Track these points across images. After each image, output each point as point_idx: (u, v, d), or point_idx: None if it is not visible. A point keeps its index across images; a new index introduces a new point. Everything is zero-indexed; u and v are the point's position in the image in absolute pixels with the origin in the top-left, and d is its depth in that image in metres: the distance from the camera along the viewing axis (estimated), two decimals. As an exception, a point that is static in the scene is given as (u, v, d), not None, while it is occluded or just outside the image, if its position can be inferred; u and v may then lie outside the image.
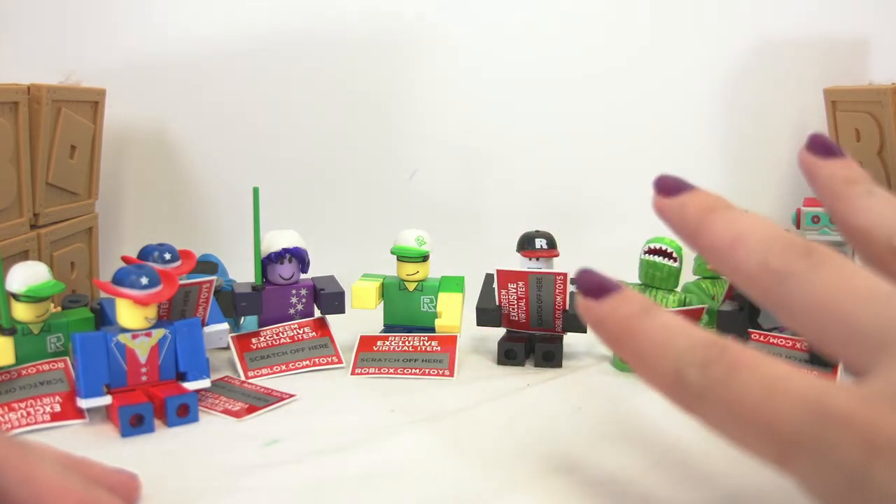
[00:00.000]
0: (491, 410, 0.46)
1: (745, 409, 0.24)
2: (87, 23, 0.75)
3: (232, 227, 0.75)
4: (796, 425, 0.23)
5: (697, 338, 0.26)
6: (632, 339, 0.27)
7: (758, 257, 0.26)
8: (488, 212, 0.78)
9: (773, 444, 0.23)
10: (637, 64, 0.77)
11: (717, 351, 0.25)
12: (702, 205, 0.29)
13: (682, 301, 0.54)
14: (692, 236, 0.29)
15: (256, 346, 0.54)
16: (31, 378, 0.46)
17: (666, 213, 0.31)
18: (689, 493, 0.36)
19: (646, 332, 0.27)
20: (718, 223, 0.28)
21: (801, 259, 0.26)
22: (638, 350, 0.27)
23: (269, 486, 0.37)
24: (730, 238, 0.27)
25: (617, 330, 0.28)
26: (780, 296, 0.26)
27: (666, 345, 0.26)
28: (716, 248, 0.28)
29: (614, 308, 0.28)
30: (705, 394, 0.25)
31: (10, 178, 0.54)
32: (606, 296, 0.29)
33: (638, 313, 0.27)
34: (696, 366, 0.25)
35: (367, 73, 0.77)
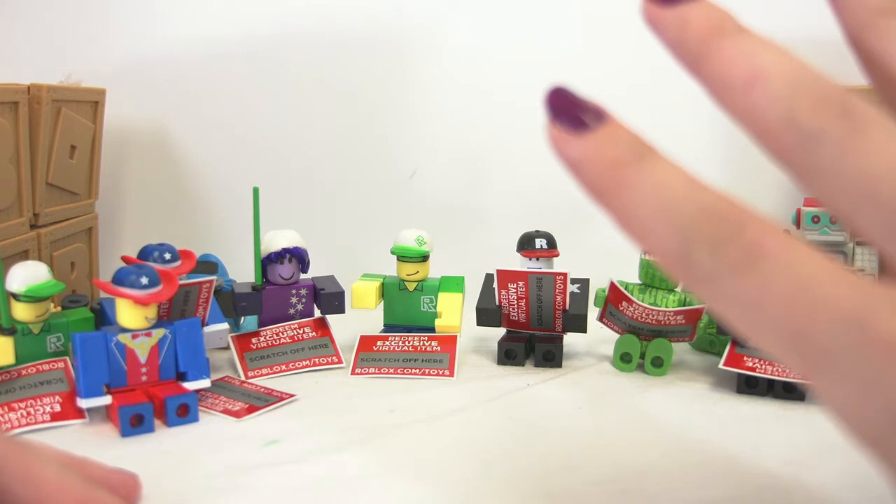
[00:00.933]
0: (491, 410, 0.46)
1: (768, 310, 0.19)
2: (87, 23, 0.75)
3: (232, 227, 0.75)
4: (832, 343, 0.19)
5: (707, 204, 0.20)
6: (619, 194, 0.21)
7: (782, 108, 0.21)
8: (488, 212, 0.78)
9: (800, 354, 0.19)
10: (637, 63, 0.77)
11: (732, 227, 0.20)
12: (710, 22, 0.22)
13: (683, 301, 0.54)
14: (695, 64, 0.23)
15: (256, 346, 0.54)
16: (31, 378, 0.46)
17: (661, 29, 0.23)
18: (689, 493, 0.36)
19: (639, 187, 0.21)
20: (732, 51, 0.22)
21: (838, 119, 0.20)
22: (628, 209, 0.21)
23: (269, 486, 0.37)
24: (746, 74, 0.21)
25: (601, 179, 0.21)
26: (805, 162, 0.21)
27: (667, 207, 0.20)
28: (726, 85, 0.22)
29: (598, 147, 0.21)
30: (717, 281, 0.20)
31: (10, 178, 0.54)
32: (587, 129, 0.22)
33: (630, 159, 0.21)
34: (706, 244, 0.20)
35: (367, 73, 0.77)
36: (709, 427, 0.44)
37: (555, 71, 0.77)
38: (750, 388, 0.49)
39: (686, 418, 0.45)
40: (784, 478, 0.37)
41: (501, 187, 0.78)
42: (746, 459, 0.39)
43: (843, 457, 0.39)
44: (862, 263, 0.60)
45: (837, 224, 0.60)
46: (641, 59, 0.78)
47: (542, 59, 0.77)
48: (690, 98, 0.79)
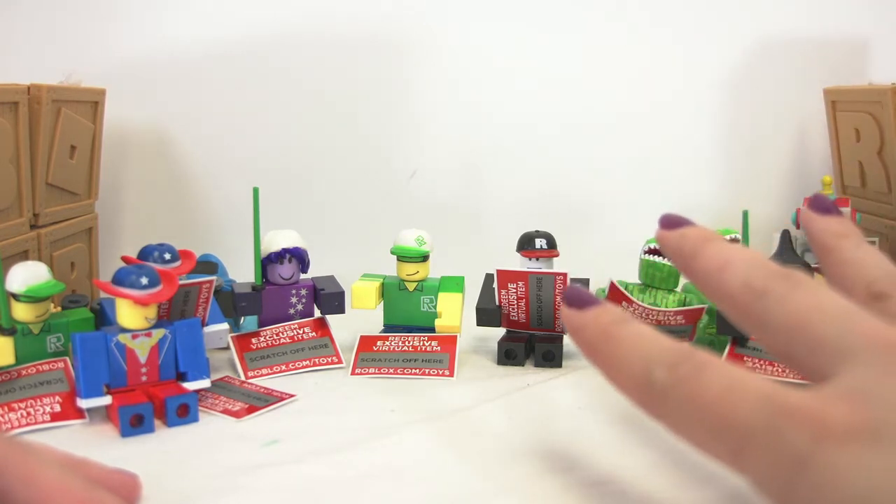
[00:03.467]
0: (491, 410, 0.46)
1: (705, 405, 0.25)
2: (87, 23, 0.75)
3: (232, 227, 0.75)
4: (751, 419, 0.24)
5: (669, 344, 0.28)
6: (607, 344, 0.30)
7: (741, 277, 0.29)
8: (488, 212, 0.78)
9: (728, 440, 0.25)
10: (637, 64, 0.78)
11: (685, 354, 0.27)
12: (699, 236, 0.32)
13: (682, 301, 0.54)
14: (688, 262, 0.32)
15: (256, 346, 0.54)
16: (31, 378, 0.46)
17: (666, 243, 0.34)
18: (689, 493, 0.36)
19: (621, 337, 0.29)
20: (711, 250, 0.31)
21: (780, 280, 0.28)
22: (612, 353, 0.30)
23: (269, 486, 0.37)
24: (719, 262, 0.30)
25: (595, 335, 0.30)
26: (757, 312, 0.28)
27: (638, 348, 0.29)
28: (707, 272, 0.31)
29: (595, 316, 0.31)
30: (669, 393, 0.27)
31: (10, 178, 0.54)
32: (587, 307, 0.31)
33: (616, 321, 0.30)
34: (664, 366, 0.27)
35: (367, 73, 0.77)
36: (709, 427, 0.44)
37: (555, 70, 0.77)
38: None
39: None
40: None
41: (501, 188, 0.78)
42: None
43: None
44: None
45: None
46: (643, 62, 0.78)
47: (542, 60, 0.77)
48: (692, 99, 0.79)
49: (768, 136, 0.78)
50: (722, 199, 0.77)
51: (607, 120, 0.78)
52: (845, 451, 0.22)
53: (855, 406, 0.23)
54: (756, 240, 0.53)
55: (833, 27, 0.76)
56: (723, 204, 0.76)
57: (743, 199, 0.73)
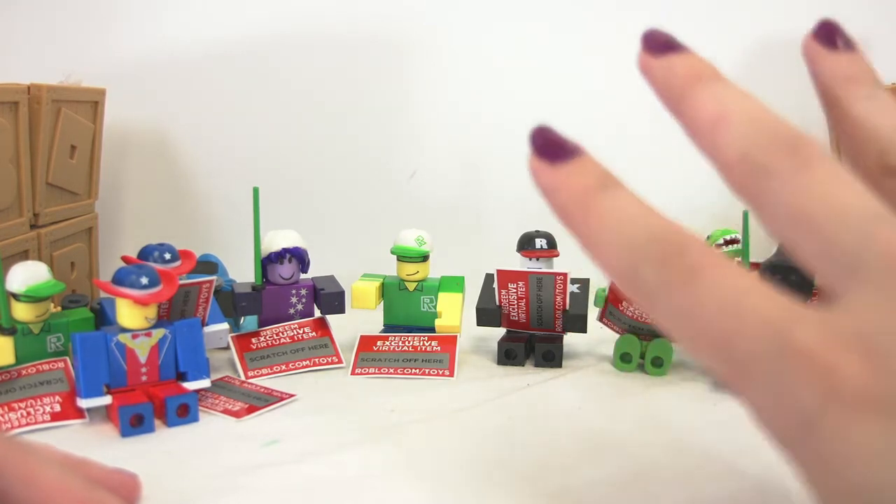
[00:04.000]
0: (491, 410, 0.46)
1: (701, 320, 0.22)
2: (87, 23, 0.75)
3: (232, 227, 0.75)
4: (754, 351, 0.21)
5: (657, 229, 0.23)
6: (584, 217, 0.24)
7: (739, 144, 0.24)
8: (488, 212, 0.78)
9: (726, 363, 0.22)
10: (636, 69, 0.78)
11: (675, 248, 0.23)
12: (689, 71, 0.26)
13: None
14: (676, 106, 0.26)
15: (256, 346, 0.54)
16: (31, 378, 0.46)
17: (650, 75, 0.27)
18: (689, 493, 0.36)
19: (602, 213, 0.24)
20: (703, 95, 0.25)
21: (787, 156, 0.23)
22: (590, 230, 0.24)
23: (269, 486, 0.37)
24: (713, 115, 0.24)
25: (569, 203, 0.25)
26: (757, 193, 0.24)
27: (623, 232, 0.23)
28: (697, 125, 0.25)
29: (569, 176, 0.25)
30: (660, 295, 0.22)
31: (10, 178, 0.54)
32: (562, 160, 0.26)
33: (595, 187, 0.25)
34: (653, 263, 0.23)
35: (367, 73, 0.77)
36: (709, 427, 0.44)
37: (554, 70, 0.77)
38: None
39: (686, 418, 0.45)
40: (784, 477, 0.37)
41: (501, 187, 0.78)
42: (746, 459, 0.39)
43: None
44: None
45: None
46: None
47: (541, 60, 0.77)
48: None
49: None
50: (722, 199, 0.76)
51: (607, 119, 0.78)
52: (856, 422, 0.19)
53: (867, 362, 0.20)
54: (756, 240, 0.53)
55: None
56: (723, 204, 0.76)
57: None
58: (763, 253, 0.54)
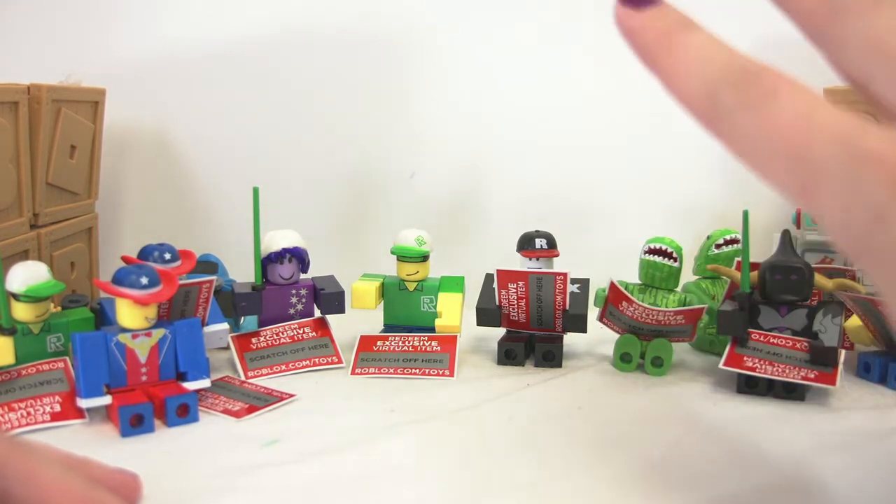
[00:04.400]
0: (491, 410, 0.46)
1: (776, 134, 0.24)
2: (87, 23, 0.75)
3: (232, 227, 0.75)
4: (827, 158, 0.23)
5: (735, 59, 0.26)
6: (667, 53, 0.27)
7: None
8: (488, 212, 0.78)
9: (799, 172, 0.23)
10: (637, 65, 0.77)
11: (753, 73, 0.25)
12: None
13: (683, 301, 0.54)
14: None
15: (256, 346, 0.54)
16: (31, 378, 0.46)
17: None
18: (689, 493, 0.36)
19: (682, 47, 0.27)
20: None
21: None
22: (672, 65, 0.27)
23: (269, 486, 0.37)
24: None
25: (652, 42, 0.27)
26: (834, 30, 0.25)
27: (702, 63, 0.26)
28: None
29: (652, 19, 0.28)
30: (736, 114, 0.25)
31: (10, 178, 0.54)
32: (646, 6, 0.28)
33: (677, 27, 0.27)
34: (731, 86, 0.25)
35: (367, 73, 0.77)
36: (709, 427, 0.44)
37: (554, 70, 0.77)
38: (750, 388, 0.49)
39: (686, 418, 0.45)
40: (784, 477, 0.37)
41: (501, 187, 0.78)
42: (746, 459, 0.39)
43: (843, 457, 0.39)
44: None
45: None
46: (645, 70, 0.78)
47: (541, 60, 0.77)
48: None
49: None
50: (722, 200, 0.77)
51: (607, 120, 0.78)
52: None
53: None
54: (756, 240, 0.53)
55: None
56: (723, 204, 0.76)
57: (743, 200, 0.73)
58: (763, 253, 0.54)
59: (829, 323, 0.49)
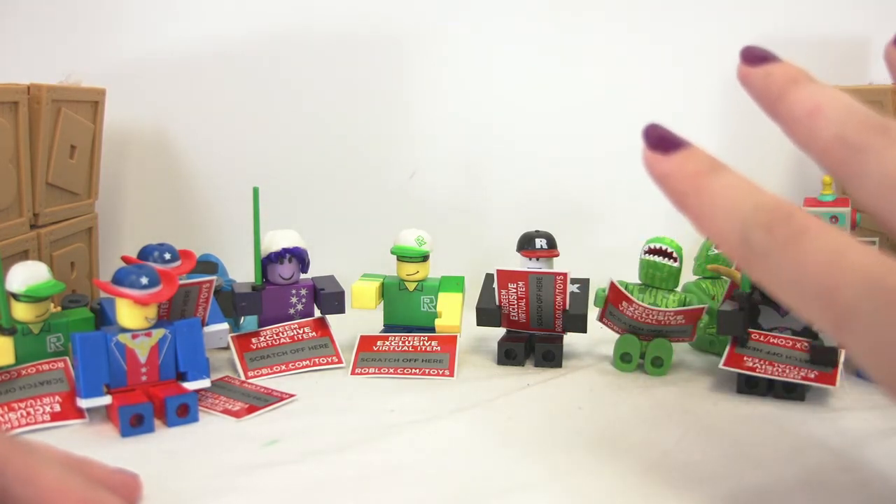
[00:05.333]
0: (491, 410, 0.46)
1: (807, 275, 0.24)
2: (87, 23, 0.75)
3: (232, 227, 0.75)
4: (856, 297, 0.23)
5: (764, 200, 0.26)
6: (698, 197, 0.28)
7: (834, 128, 0.27)
8: (488, 212, 0.78)
9: (830, 311, 0.24)
10: (637, 64, 0.77)
11: (783, 214, 0.26)
12: (786, 75, 0.29)
13: (683, 301, 0.54)
14: (773, 105, 0.30)
15: (256, 346, 0.54)
16: (31, 378, 0.46)
17: (750, 82, 0.31)
18: (689, 493, 0.36)
19: (713, 191, 0.27)
20: (800, 93, 0.28)
21: (879, 134, 0.26)
22: (704, 208, 0.28)
23: (269, 486, 0.37)
24: (809, 107, 0.28)
25: (683, 186, 0.28)
26: (853, 168, 0.26)
27: (732, 205, 0.27)
28: (795, 117, 0.28)
29: (682, 163, 0.28)
30: (768, 255, 0.25)
31: (10, 178, 0.54)
32: (674, 151, 0.29)
33: (705, 170, 0.28)
34: (761, 228, 0.26)
35: (367, 72, 0.77)
36: (709, 427, 0.44)
37: (555, 70, 0.77)
38: (750, 388, 0.49)
39: (686, 418, 0.45)
40: (784, 477, 0.37)
41: (501, 187, 0.78)
42: (746, 459, 0.39)
43: (843, 457, 0.39)
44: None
45: (837, 224, 0.60)
46: (642, 62, 0.78)
47: (541, 60, 0.77)
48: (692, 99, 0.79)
49: (768, 136, 0.78)
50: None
51: (607, 120, 0.78)
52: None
53: None
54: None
55: (833, 27, 0.76)
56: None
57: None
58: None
59: (829, 323, 0.49)
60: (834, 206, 0.61)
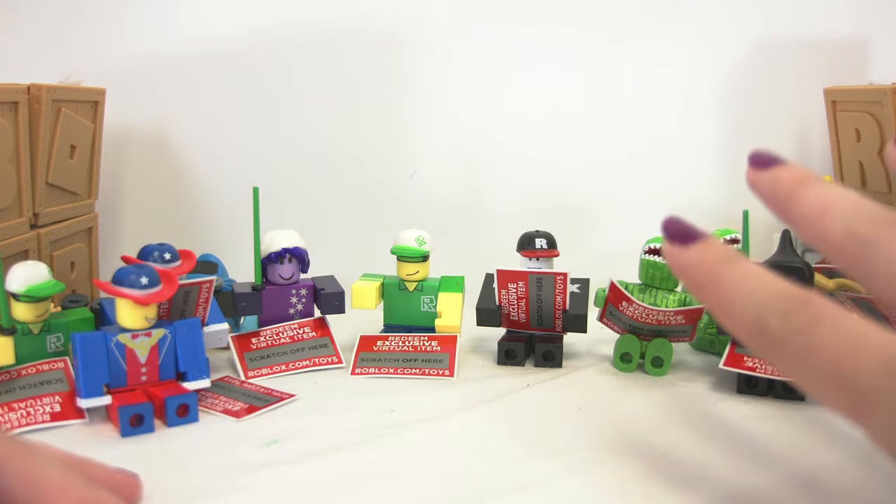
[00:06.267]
0: (491, 410, 0.46)
1: (824, 360, 0.25)
2: (87, 23, 0.75)
3: (232, 227, 0.75)
4: (874, 379, 0.24)
5: (780, 288, 0.27)
6: (716, 286, 0.28)
7: (844, 225, 0.28)
8: (488, 212, 0.78)
9: (848, 396, 0.24)
10: (637, 64, 0.78)
11: (798, 302, 0.26)
12: (793, 177, 0.30)
13: (683, 301, 0.54)
14: (783, 207, 0.30)
15: (256, 346, 0.54)
16: (31, 378, 0.46)
17: (759, 186, 0.32)
18: (689, 493, 0.36)
19: (730, 280, 0.28)
20: (809, 194, 0.29)
21: (887, 227, 0.27)
22: (722, 297, 0.28)
23: (269, 486, 0.37)
24: (819, 207, 0.29)
25: (702, 276, 0.29)
26: (864, 262, 0.27)
27: (749, 293, 0.27)
28: (805, 217, 0.29)
29: (700, 255, 0.29)
30: (785, 342, 0.26)
31: (10, 178, 0.54)
32: (692, 242, 0.30)
33: (723, 260, 0.29)
34: (778, 315, 0.26)
35: (367, 72, 0.77)
36: (709, 427, 0.44)
37: (555, 70, 0.77)
38: (750, 388, 0.49)
39: (686, 418, 0.45)
40: (784, 477, 0.37)
41: (501, 187, 0.78)
42: (746, 459, 0.39)
43: (843, 456, 0.39)
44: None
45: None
46: (642, 62, 0.78)
47: (541, 60, 0.77)
48: (692, 99, 0.79)
49: (768, 136, 0.78)
50: (722, 199, 0.77)
51: (608, 120, 0.78)
52: None
53: None
54: (756, 240, 0.53)
55: (833, 27, 0.76)
56: (723, 204, 0.76)
57: (743, 199, 0.73)
58: (763, 253, 0.54)
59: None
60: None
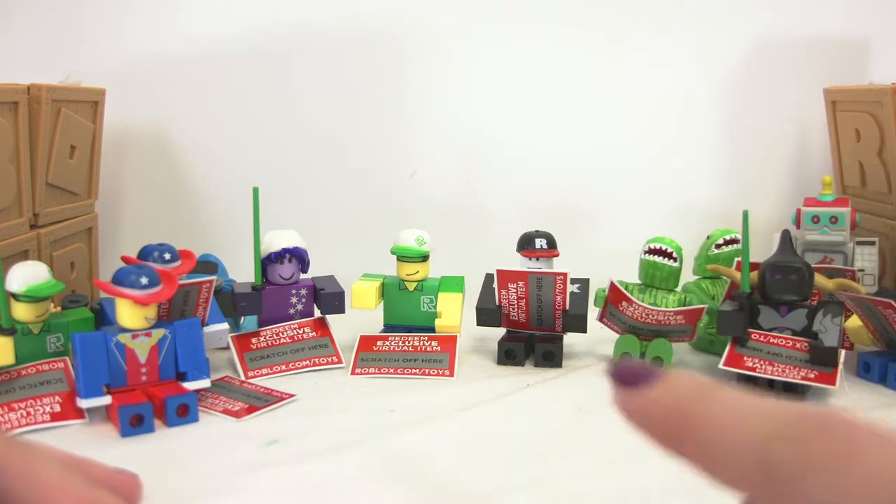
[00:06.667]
0: (491, 410, 0.46)
1: (860, 497, 0.19)
2: (87, 23, 0.75)
3: (232, 227, 0.75)
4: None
5: (783, 410, 0.21)
6: (688, 426, 0.22)
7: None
8: (488, 212, 0.78)
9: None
10: (637, 64, 0.78)
11: (817, 424, 0.20)
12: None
13: (682, 301, 0.54)
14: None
15: (256, 346, 0.54)
16: (31, 378, 0.45)
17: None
18: (688, 493, 0.35)
19: (708, 414, 0.21)
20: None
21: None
22: (701, 436, 0.22)
23: (269, 486, 0.37)
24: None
25: (667, 418, 0.22)
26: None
27: (743, 424, 0.21)
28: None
29: (661, 393, 0.22)
30: (805, 477, 0.19)
31: (10, 178, 0.54)
32: (646, 382, 0.23)
33: (691, 394, 0.22)
34: (793, 442, 0.20)
35: (367, 73, 0.77)
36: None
37: (555, 70, 0.77)
38: (750, 388, 0.49)
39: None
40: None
41: (501, 187, 0.78)
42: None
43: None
44: (861, 263, 0.60)
45: (837, 224, 0.60)
46: (643, 62, 0.78)
47: (542, 60, 0.77)
48: (692, 100, 0.79)
49: (768, 136, 0.78)
50: (722, 199, 0.77)
51: (607, 120, 0.78)
52: None
53: None
54: (756, 240, 0.53)
55: (833, 27, 0.76)
56: (723, 204, 0.76)
57: (743, 200, 0.73)
58: (763, 253, 0.54)
59: (829, 323, 0.49)
60: (834, 206, 0.61)
